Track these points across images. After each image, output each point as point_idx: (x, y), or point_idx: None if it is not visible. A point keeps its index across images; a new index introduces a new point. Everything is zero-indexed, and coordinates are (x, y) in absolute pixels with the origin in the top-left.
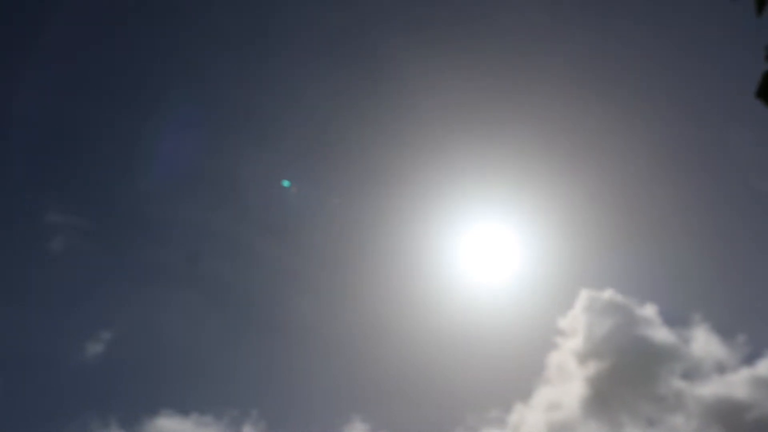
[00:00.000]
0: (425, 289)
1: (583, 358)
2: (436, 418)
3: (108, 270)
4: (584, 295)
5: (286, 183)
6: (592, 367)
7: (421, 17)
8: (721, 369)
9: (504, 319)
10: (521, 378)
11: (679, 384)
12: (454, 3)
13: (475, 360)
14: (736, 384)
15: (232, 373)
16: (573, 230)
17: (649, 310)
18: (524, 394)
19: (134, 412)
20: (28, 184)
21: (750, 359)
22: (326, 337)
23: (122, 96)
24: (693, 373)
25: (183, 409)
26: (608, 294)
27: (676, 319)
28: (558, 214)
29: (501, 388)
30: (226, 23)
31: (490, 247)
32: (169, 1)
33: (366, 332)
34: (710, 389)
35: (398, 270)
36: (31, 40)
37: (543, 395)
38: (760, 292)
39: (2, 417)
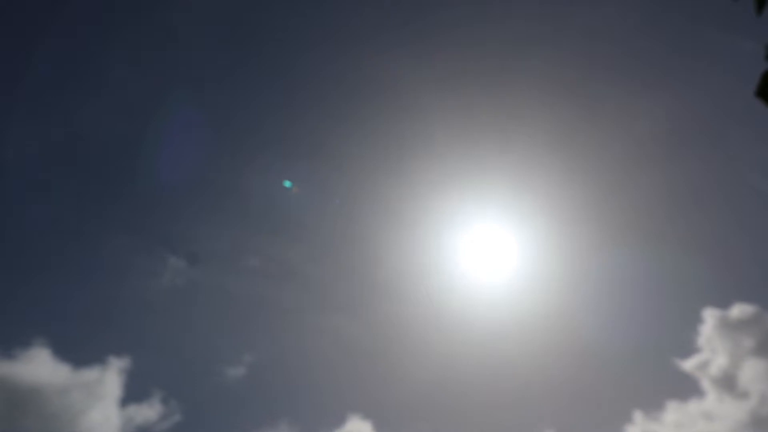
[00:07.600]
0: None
1: (721, 374)
2: (604, 419)
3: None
4: (710, 313)
5: (287, 183)
6: (731, 385)
7: (416, 21)
8: None
9: (627, 331)
10: (647, 392)
11: None
12: (449, 8)
13: (608, 369)
14: None
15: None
16: (693, 245)
17: None
18: (652, 407)
19: (325, 418)
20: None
21: None
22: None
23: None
24: None
25: (368, 415)
26: (738, 310)
27: None
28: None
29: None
30: (227, 25)
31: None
32: (171, 3)
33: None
34: None
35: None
36: (32, 44)
37: (676, 411)
38: None
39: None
